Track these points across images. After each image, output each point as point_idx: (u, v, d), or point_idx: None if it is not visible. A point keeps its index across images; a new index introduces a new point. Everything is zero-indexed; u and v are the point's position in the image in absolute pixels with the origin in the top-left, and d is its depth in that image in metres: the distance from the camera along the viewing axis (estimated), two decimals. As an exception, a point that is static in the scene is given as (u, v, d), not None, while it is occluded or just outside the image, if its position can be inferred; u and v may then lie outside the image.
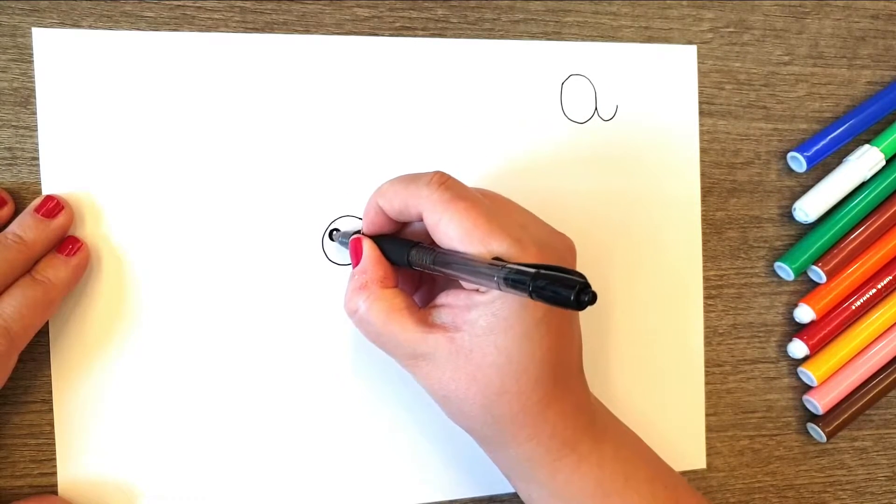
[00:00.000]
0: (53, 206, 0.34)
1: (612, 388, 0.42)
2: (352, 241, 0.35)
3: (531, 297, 0.25)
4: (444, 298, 0.33)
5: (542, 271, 0.25)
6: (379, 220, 0.34)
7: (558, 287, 0.24)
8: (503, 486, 0.40)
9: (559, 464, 0.33)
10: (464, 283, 0.32)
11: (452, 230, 0.30)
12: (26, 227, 0.33)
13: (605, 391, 0.41)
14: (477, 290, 0.31)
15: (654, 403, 0.42)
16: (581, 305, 0.24)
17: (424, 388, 0.33)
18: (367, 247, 0.34)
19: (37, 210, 0.33)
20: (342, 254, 0.38)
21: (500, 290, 0.27)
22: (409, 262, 0.33)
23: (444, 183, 0.31)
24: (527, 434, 0.32)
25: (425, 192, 0.31)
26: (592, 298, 0.24)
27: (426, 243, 0.33)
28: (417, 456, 0.39)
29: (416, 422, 0.39)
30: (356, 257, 0.34)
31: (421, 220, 0.32)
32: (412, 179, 0.32)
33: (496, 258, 0.29)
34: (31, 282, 0.33)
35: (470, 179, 0.38)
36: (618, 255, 0.42)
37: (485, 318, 0.30)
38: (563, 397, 0.33)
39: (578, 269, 0.33)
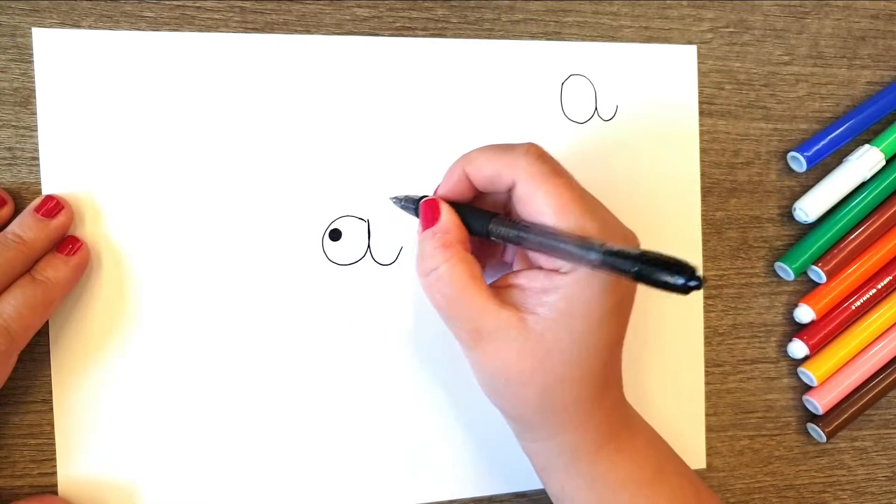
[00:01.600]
0: (53, 206, 0.34)
1: (612, 388, 0.42)
2: (425, 203, 0.33)
3: (633, 278, 0.24)
4: (516, 279, 0.32)
5: (649, 254, 0.25)
6: (461, 186, 0.33)
7: (666, 271, 0.24)
8: (503, 486, 0.40)
9: (601, 453, 0.33)
10: (544, 263, 0.31)
11: (548, 205, 0.30)
12: (26, 226, 0.33)
13: (605, 391, 0.41)
14: (557, 271, 0.30)
15: (654, 403, 0.42)
16: (687, 290, 0.23)
17: (481, 368, 0.32)
18: (447, 209, 0.32)
19: (37, 210, 0.33)
20: (342, 254, 0.38)
21: (592, 268, 0.26)
22: (488, 231, 0.31)
23: (542, 156, 0.31)
24: (575, 423, 0.32)
25: (523, 163, 0.30)
26: (699, 284, 0.23)
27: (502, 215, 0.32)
28: (419, 455, 0.39)
29: (417, 422, 0.39)
30: (432, 218, 0.32)
31: (507, 190, 0.31)
32: (506, 149, 0.31)
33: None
34: (31, 281, 0.33)
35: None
36: (618, 255, 0.42)
37: (563, 302, 0.30)
38: (612, 388, 0.33)
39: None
